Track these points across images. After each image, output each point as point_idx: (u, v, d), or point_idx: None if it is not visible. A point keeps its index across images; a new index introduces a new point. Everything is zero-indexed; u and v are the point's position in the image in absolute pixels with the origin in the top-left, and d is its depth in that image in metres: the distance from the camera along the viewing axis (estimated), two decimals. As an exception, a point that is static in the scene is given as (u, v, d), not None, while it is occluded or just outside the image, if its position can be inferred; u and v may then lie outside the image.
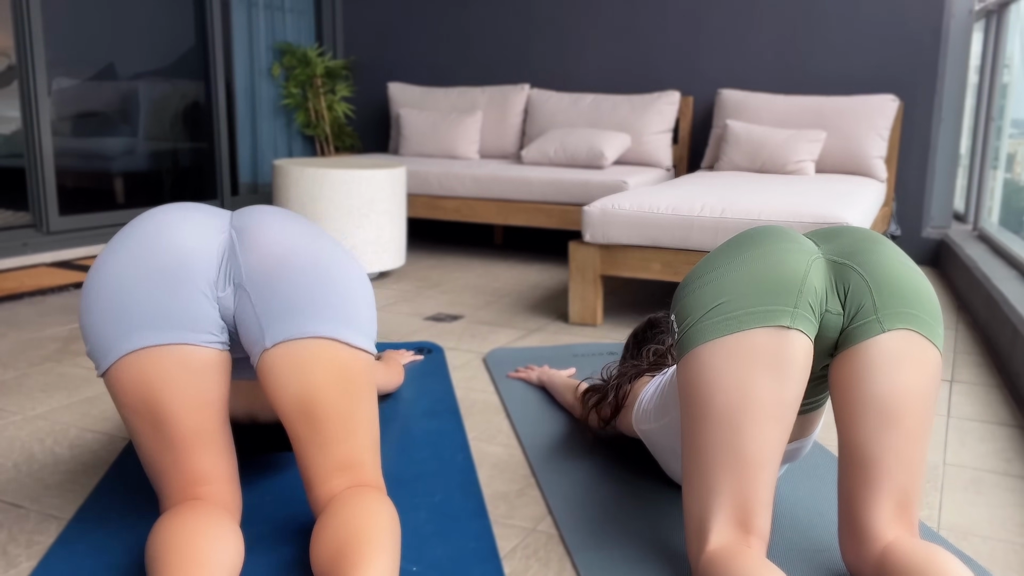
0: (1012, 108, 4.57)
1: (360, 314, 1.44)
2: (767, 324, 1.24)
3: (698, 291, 1.32)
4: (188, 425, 1.38)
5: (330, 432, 1.41)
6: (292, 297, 1.39)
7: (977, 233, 4.51)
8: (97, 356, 1.38)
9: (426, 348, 2.79)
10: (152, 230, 1.41)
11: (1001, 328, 2.82)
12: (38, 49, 3.65)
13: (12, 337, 2.90)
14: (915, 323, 1.28)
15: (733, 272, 1.30)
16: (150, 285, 1.36)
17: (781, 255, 1.29)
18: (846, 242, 1.35)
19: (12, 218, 3.67)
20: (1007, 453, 2.05)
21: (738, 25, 4.65)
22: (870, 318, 1.28)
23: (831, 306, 1.30)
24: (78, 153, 3.99)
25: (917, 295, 1.30)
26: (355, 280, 1.46)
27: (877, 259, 1.31)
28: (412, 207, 4.49)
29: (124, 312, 1.35)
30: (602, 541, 1.57)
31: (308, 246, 1.44)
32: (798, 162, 4.20)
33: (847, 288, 1.30)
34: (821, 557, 1.50)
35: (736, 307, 1.26)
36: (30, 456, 1.95)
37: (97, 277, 1.39)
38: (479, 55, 5.23)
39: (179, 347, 1.36)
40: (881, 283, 1.28)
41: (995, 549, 1.59)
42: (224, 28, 4.78)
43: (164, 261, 1.37)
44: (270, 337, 1.39)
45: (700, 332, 1.28)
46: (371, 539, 1.28)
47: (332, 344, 1.40)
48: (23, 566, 1.48)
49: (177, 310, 1.36)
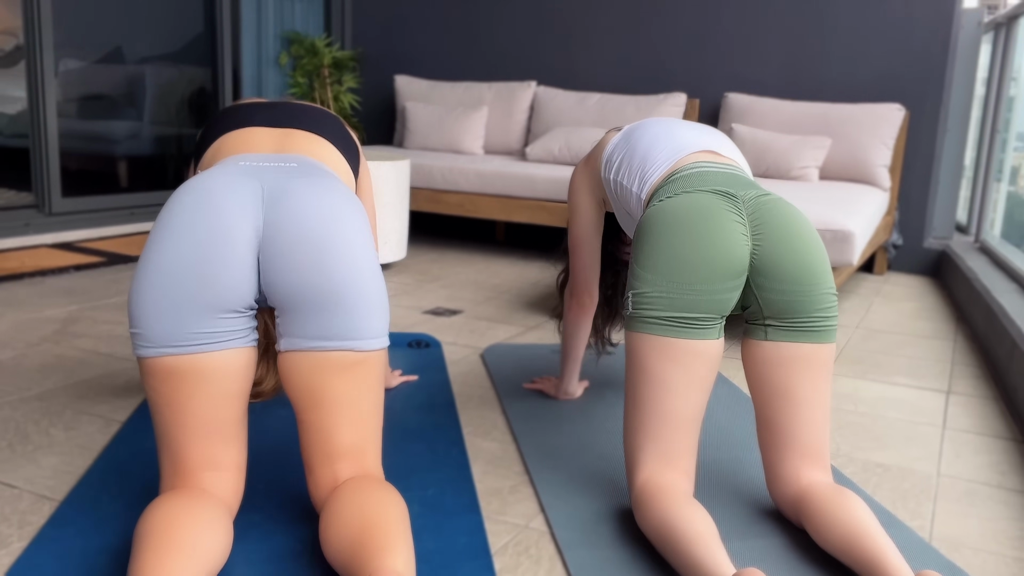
0: (1018, 121, 4.56)
1: (375, 317, 1.47)
2: (703, 338, 1.59)
3: (654, 291, 1.59)
4: (211, 415, 1.43)
5: (337, 419, 1.46)
6: (309, 323, 1.44)
7: (979, 245, 4.50)
8: (138, 341, 1.42)
9: (424, 342, 2.79)
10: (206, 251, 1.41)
11: (999, 341, 2.82)
12: (46, 30, 3.65)
13: (10, 317, 2.90)
14: (800, 338, 1.60)
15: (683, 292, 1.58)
16: (202, 311, 1.40)
17: (724, 283, 1.58)
18: (765, 254, 1.60)
19: (15, 198, 3.67)
20: (1002, 466, 2.05)
21: (747, 30, 4.64)
22: (759, 325, 1.63)
23: (736, 310, 1.67)
24: (83, 135, 3.99)
25: (812, 310, 1.59)
26: (367, 299, 1.47)
27: (784, 280, 1.59)
28: (415, 200, 4.48)
29: (174, 326, 1.40)
30: (593, 540, 1.57)
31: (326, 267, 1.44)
32: (802, 168, 4.20)
33: (747, 305, 1.65)
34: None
35: (681, 322, 1.58)
36: (25, 437, 1.95)
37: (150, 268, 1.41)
38: (487, 51, 5.23)
39: (217, 353, 1.42)
40: (774, 310, 1.61)
41: (986, 561, 1.59)
42: (233, 15, 4.77)
43: (217, 293, 1.41)
44: (285, 344, 1.46)
45: (651, 326, 1.59)
46: (389, 527, 1.30)
47: (346, 352, 1.45)
48: (15, 546, 1.48)
49: (222, 329, 1.42)
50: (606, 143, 2.04)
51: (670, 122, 1.96)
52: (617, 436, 2.08)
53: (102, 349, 2.61)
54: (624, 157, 1.92)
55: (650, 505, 1.51)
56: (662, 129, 1.92)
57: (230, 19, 4.69)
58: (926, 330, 3.36)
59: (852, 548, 1.41)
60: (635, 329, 1.62)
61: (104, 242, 3.83)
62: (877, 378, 2.70)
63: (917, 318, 3.56)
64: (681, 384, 1.58)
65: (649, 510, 1.51)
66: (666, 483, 1.56)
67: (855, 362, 2.86)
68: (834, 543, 1.45)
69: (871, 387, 2.61)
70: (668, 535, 1.43)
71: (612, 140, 2.01)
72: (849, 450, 2.10)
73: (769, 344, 1.62)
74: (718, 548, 1.36)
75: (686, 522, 1.43)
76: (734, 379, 2.61)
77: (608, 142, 2.03)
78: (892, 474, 1.97)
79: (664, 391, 1.59)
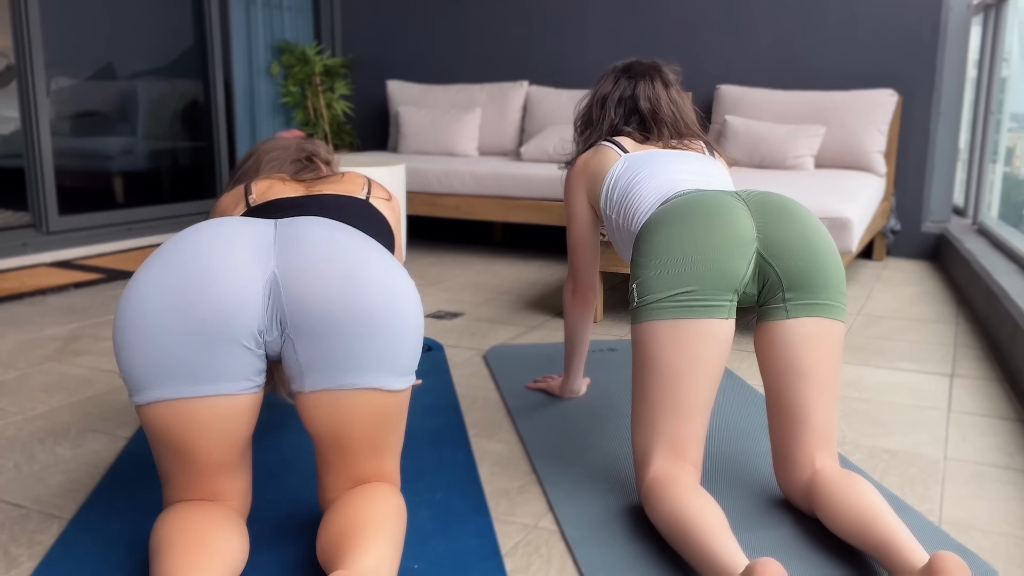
0: (1011, 102, 4.56)
1: (404, 355, 1.39)
2: (711, 317, 1.58)
3: (658, 272, 1.61)
4: (213, 458, 1.38)
5: (356, 457, 1.43)
6: (337, 352, 1.34)
7: (977, 227, 4.50)
8: (131, 388, 1.34)
9: (426, 345, 2.79)
10: (193, 270, 1.32)
11: (1001, 322, 2.82)
12: (37, 49, 3.65)
13: (12, 337, 2.90)
14: (817, 311, 1.61)
15: (687, 264, 1.58)
16: (188, 339, 1.30)
17: (729, 250, 1.59)
18: (772, 231, 1.62)
19: (12, 218, 3.67)
20: (1008, 447, 2.05)
21: (736, 21, 4.64)
22: (779, 306, 1.62)
23: (750, 289, 1.65)
24: (77, 153, 3.99)
25: (825, 285, 1.61)
26: (404, 319, 1.39)
27: (795, 253, 1.61)
28: (412, 205, 4.48)
29: (160, 362, 1.30)
30: (604, 537, 1.57)
31: (354, 291, 1.35)
32: (797, 157, 4.20)
33: (766, 281, 1.63)
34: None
35: (688, 297, 1.57)
36: (31, 456, 1.95)
37: (133, 313, 1.32)
38: (477, 52, 5.23)
39: (214, 398, 1.33)
40: (793, 280, 1.61)
41: (996, 543, 1.59)
42: (223, 27, 4.77)
43: (205, 315, 1.30)
44: (310, 384, 1.37)
45: (657, 311, 1.59)
46: (371, 524, 1.29)
47: (372, 392, 1.38)
48: (25, 566, 1.48)
49: (214, 365, 1.31)
50: (607, 166, 2.00)
51: (665, 160, 1.93)
52: (623, 432, 2.08)
53: (104, 366, 2.60)
54: (619, 197, 1.92)
55: (660, 498, 1.51)
56: (658, 168, 1.90)
57: (220, 31, 4.69)
58: (927, 314, 3.36)
59: (865, 532, 1.41)
60: (641, 319, 1.62)
61: (103, 259, 3.83)
62: (880, 364, 2.70)
63: (918, 302, 3.56)
64: (689, 372, 1.57)
65: (659, 503, 1.51)
66: (675, 475, 1.56)
67: (858, 349, 2.86)
68: (847, 528, 1.45)
69: (875, 373, 2.61)
70: (679, 527, 1.43)
71: (610, 176, 1.97)
72: (855, 437, 2.10)
73: (790, 323, 1.60)
74: (730, 539, 1.36)
75: (697, 514, 1.43)
76: (738, 371, 2.61)
77: (609, 165, 1.99)
78: (899, 459, 1.97)
79: (672, 381, 1.58)
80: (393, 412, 1.42)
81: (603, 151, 2.03)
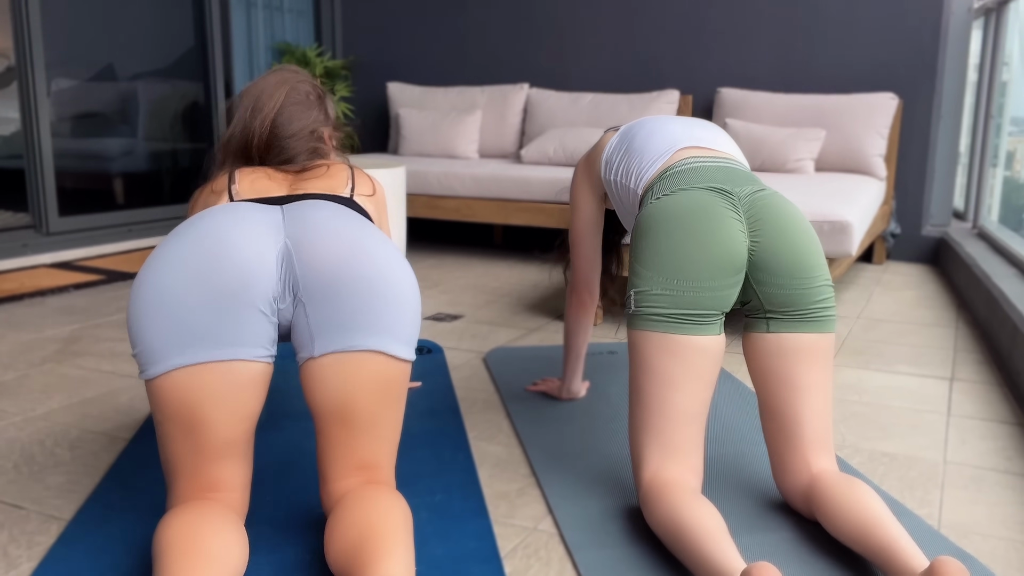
0: (1011, 106, 4.57)
1: (406, 324, 1.47)
2: (704, 334, 1.61)
3: (654, 289, 1.62)
4: (221, 436, 1.41)
5: (358, 433, 1.46)
6: (345, 311, 1.43)
7: (977, 231, 4.51)
8: (144, 362, 1.39)
9: (426, 348, 2.79)
10: (210, 243, 1.40)
11: (1001, 326, 2.82)
12: (37, 50, 3.65)
13: (12, 338, 2.90)
14: (799, 328, 1.63)
15: (682, 287, 1.61)
16: (208, 305, 1.37)
17: (721, 280, 1.61)
18: (761, 251, 1.64)
19: (12, 219, 3.67)
20: (1008, 451, 2.05)
21: (738, 24, 4.65)
22: (760, 319, 1.66)
23: (736, 304, 1.70)
24: (77, 154, 3.99)
25: (807, 302, 1.63)
26: (405, 289, 1.48)
27: (780, 281, 1.63)
28: (412, 207, 4.48)
29: (180, 328, 1.37)
30: (603, 540, 1.57)
31: (362, 256, 1.45)
32: (798, 160, 4.20)
33: (747, 301, 1.67)
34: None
35: (682, 316, 1.60)
36: (30, 457, 1.95)
37: (150, 285, 1.39)
38: (478, 55, 5.23)
39: (229, 363, 1.39)
40: (774, 304, 1.64)
41: (996, 547, 1.59)
42: (223, 28, 4.78)
43: (224, 281, 1.38)
44: (319, 347, 1.43)
45: (654, 323, 1.62)
46: (389, 533, 1.31)
47: (377, 356, 1.44)
48: (24, 567, 1.48)
49: (233, 329, 1.38)
50: (604, 144, 2.05)
51: (664, 119, 1.98)
52: (622, 435, 2.08)
53: (104, 367, 2.60)
54: (621, 156, 1.95)
55: (658, 502, 1.52)
56: (657, 125, 1.94)
57: (220, 32, 4.69)
58: (927, 318, 3.36)
59: (865, 537, 1.41)
60: (637, 327, 1.64)
61: (103, 260, 3.83)
62: (880, 367, 2.70)
63: (918, 306, 3.56)
64: (684, 379, 1.60)
65: (657, 507, 1.51)
66: (673, 479, 1.57)
67: (857, 352, 2.86)
68: (847, 532, 1.45)
69: (874, 377, 2.61)
70: (677, 531, 1.43)
71: (610, 141, 2.03)
72: (855, 440, 2.10)
73: (771, 336, 1.64)
74: (728, 543, 1.37)
75: (695, 518, 1.43)
76: (737, 374, 2.61)
77: (606, 143, 2.04)
78: (899, 463, 1.97)
79: (668, 387, 1.60)
80: (395, 384, 1.47)
81: (605, 136, 2.10)
